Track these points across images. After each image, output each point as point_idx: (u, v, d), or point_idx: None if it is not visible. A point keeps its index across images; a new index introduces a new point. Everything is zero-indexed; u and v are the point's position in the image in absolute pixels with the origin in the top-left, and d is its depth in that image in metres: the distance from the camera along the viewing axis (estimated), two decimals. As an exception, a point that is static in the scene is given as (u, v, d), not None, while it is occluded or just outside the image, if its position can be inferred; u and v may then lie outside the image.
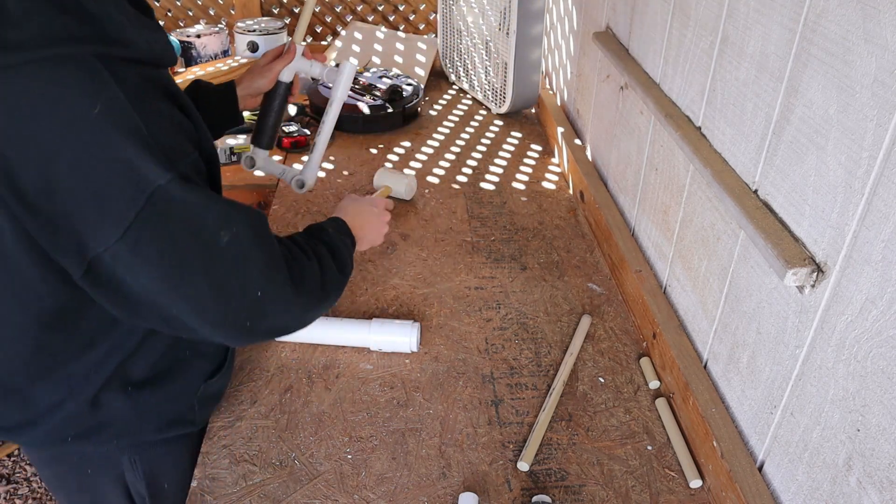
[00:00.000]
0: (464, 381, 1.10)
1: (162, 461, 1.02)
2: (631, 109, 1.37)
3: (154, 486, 1.02)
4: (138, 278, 0.72)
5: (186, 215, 0.73)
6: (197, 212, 0.73)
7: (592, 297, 1.30)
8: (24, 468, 2.05)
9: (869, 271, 0.68)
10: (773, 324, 0.86)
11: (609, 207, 1.44)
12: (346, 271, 0.97)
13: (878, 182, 0.67)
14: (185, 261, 0.73)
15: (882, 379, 0.67)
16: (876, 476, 0.68)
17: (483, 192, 1.64)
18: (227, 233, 0.76)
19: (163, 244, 0.72)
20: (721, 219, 1.00)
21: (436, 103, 2.12)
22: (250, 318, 0.80)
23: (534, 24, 1.84)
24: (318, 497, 0.91)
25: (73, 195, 0.67)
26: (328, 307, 0.93)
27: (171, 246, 0.72)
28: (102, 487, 1.02)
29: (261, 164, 1.27)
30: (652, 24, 1.26)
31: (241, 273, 0.78)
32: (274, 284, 0.81)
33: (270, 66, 1.21)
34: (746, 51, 0.92)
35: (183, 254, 0.73)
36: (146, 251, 0.71)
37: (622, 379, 1.12)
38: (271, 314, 0.82)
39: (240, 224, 0.78)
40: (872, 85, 0.67)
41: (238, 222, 0.78)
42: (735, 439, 0.93)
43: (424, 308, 1.25)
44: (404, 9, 2.49)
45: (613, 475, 0.96)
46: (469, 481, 0.94)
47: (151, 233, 0.70)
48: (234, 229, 0.77)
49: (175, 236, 0.72)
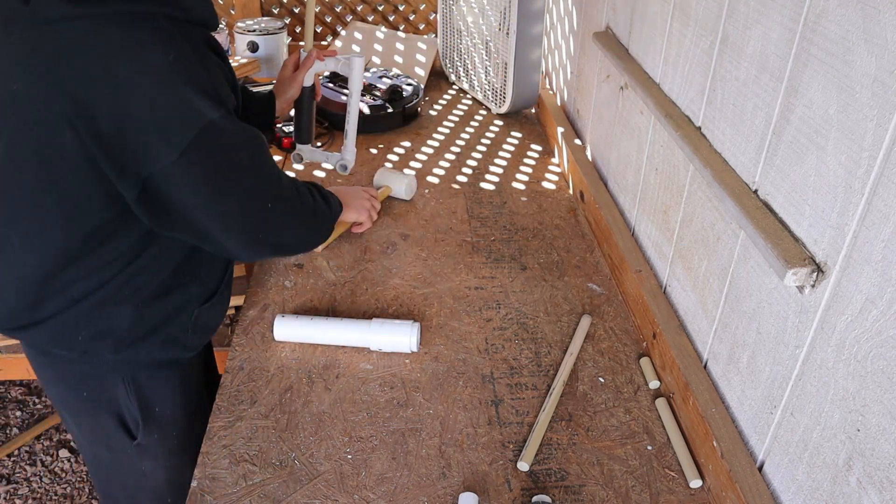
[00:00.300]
0: (464, 381, 1.10)
1: (154, 387, 1.11)
2: (631, 109, 1.37)
3: (146, 410, 1.12)
4: (183, 195, 0.88)
5: (227, 143, 0.90)
6: (235, 140, 0.91)
7: (592, 297, 1.30)
8: (24, 468, 2.05)
9: (869, 271, 0.68)
10: (773, 324, 0.86)
11: (609, 207, 1.44)
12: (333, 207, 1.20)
13: (878, 182, 0.67)
14: (221, 187, 0.91)
15: (882, 379, 0.67)
16: (876, 476, 0.68)
17: (483, 192, 1.64)
18: (247, 154, 0.94)
19: (208, 167, 0.88)
20: (721, 219, 1.00)
21: (436, 103, 2.12)
22: (261, 230, 1.00)
23: (534, 24, 1.84)
24: (318, 497, 0.91)
25: (141, 125, 0.82)
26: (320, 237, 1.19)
27: (214, 173, 0.89)
28: (98, 412, 1.11)
29: (307, 156, 1.52)
30: (652, 24, 1.26)
31: (259, 189, 0.98)
32: (280, 201, 1.02)
33: (295, 76, 1.38)
34: (746, 51, 0.92)
35: (221, 181, 0.91)
36: (195, 171, 0.87)
37: (622, 379, 1.12)
38: (276, 228, 1.03)
39: (256, 146, 0.96)
40: (872, 85, 0.67)
41: (255, 144, 0.96)
42: (735, 439, 0.93)
43: (424, 308, 1.25)
44: (404, 9, 2.49)
45: (613, 475, 0.96)
46: (469, 481, 0.94)
47: (200, 157, 0.86)
48: (252, 150, 0.95)
49: (218, 160, 0.89)
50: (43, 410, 2.23)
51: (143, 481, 1.20)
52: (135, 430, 1.13)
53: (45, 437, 2.15)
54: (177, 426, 1.17)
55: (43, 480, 2.02)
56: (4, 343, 1.89)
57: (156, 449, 1.16)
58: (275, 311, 1.22)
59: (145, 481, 1.20)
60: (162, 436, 1.15)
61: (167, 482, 1.21)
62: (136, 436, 1.13)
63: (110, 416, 1.11)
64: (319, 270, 1.34)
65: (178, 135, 0.83)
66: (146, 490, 1.22)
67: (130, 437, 1.14)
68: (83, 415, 1.13)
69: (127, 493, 1.23)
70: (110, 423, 1.12)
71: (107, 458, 1.18)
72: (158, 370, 1.10)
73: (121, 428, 1.12)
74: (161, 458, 1.17)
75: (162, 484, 1.21)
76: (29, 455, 2.09)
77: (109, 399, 1.09)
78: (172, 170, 0.85)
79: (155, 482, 1.20)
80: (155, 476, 1.19)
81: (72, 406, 1.13)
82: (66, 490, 1.99)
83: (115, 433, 1.13)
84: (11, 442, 2.09)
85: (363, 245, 1.42)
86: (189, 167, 0.86)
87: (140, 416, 1.11)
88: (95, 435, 1.15)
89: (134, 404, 1.10)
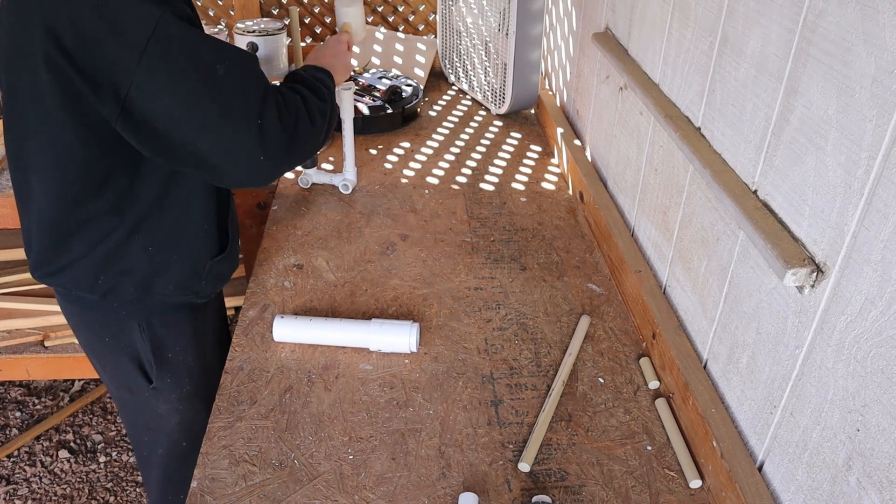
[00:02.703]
0: (463, 381, 1.10)
1: (167, 333, 1.18)
2: (630, 110, 1.37)
3: (159, 355, 1.18)
4: (157, 108, 0.89)
5: (184, 47, 0.89)
6: (192, 44, 0.90)
7: (592, 298, 1.30)
8: (24, 468, 2.05)
9: (868, 271, 0.68)
10: (773, 324, 0.86)
11: (609, 208, 1.44)
12: (323, 96, 1.11)
13: (878, 182, 0.67)
14: (191, 89, 0.90)
15: (882, 379, 0.67)
16: (876, 476, 0.68)
17: (482, 193, 1.64)
18: (221, 66, 0.92)
19: (171, 74, 0.88)
20: (720, 219, 1.00)
21: (435, 104, 2.12)
22: (260, 145, 0.96)
23: (533, 24, 1.85)
24: (318, 497, 0.91)
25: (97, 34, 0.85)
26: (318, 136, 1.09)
27: (179, 74, 0.89)
28: (118, 356, 1.19)
29: (314, 178, 1.63)
30: (651, 24, 1.26)
31: (242, 100, 0.94)
32: (269, 110, 0.97)
33: None
34: (746, 51, 0.92)
35: (188, 82, 0.89)
36: (159, 78, 0.87)
37: (622, 379, 1.12)
38: (273, 140, 0.97)
39: (231, 60, 0.94)
40: (871, 85, 0.68)
41: (229, 59, 0.94)
42: (735, 439, 0.93)
43: (424, 308, 1.25)
44: (404, 10, 2.49)
45: (613, 475, 0.96)
46: (469, 481, 0.94)
47: (160, 61, 0.87)
48: (227, 64, 0.93)
49: (179, 66, 0.89)
50: (43, 411, 2.23)
51: (160, 423, 1.28)
52: (150, 373, 1.20)
53: (45, 437, 2.15)
54: (189, 372, 1.24)
55: (42, 481, 2.01)
56: (5, 343, 1.89)
57: (169, 393, 1.24)
58: (274, 312, 1.22)
59: (162, 423, 1.28)
60: (175, 380, 1.23)
61: (179, 425, 1.28)
62: (153, 379, 1.21)
63: (129, 359, 1.18)
64: (319, 271, 1.34)
65: (133, 37, 0.86)
66: (164, 433, 1.29)
67: (147, 380, 1.21)
68: (107, 359, 1.21)
69: (150, 435, 1.31)
70: (130, 367, 1.19)
71: (130, 401, 1.27)
72: (172, 315, 1.17)
73: (139, 371, 1.20)
74: (174, 401, 1.25)
75: (175, 427, 1.29)
76: (28, 456, 2.09)
77: (128, 343, 1.16)
78: (139, 80, 0.86)
79: (170, 425, 1.28)
80: (169, 419, 1.27)
81: (97, 351, 1.21)
82: (65, 490, 1.99)
83: (134, 377, 1.20)
84: (11, 442, 2.09)
85: (363, 245, 1.42)
86: (151, 73, 0.87)
87: (154, 360, 1.18)
88: (118, 378, 1.23)
89: (148, 348, 1.17)
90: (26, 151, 0.99)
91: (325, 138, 1.11)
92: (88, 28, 0.85)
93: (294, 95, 1.04)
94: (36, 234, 1.07)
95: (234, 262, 1.25)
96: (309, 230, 1.46)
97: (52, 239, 1.05)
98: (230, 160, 0.96)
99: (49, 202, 1.01)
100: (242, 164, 0.97)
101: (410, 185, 1.66)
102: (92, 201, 1.01)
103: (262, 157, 0.96)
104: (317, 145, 1.10)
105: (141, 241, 1.07)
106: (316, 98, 1.09)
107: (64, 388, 2.32)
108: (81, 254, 1.06)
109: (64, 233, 1.04)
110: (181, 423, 1.28)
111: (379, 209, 1.55)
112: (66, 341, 1.94)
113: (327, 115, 1.10)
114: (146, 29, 0.86)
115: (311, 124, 1.05)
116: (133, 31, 0.86)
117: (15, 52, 0.91)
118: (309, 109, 1.05)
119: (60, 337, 1.94)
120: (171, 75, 0.88)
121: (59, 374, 1.99)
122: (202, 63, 0.90)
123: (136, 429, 1.33)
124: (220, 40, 0.95)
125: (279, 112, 0.98)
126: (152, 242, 1.08)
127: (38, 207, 1.03)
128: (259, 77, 0.98)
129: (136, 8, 0.86)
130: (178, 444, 1.31)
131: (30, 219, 1.07)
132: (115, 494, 1.99)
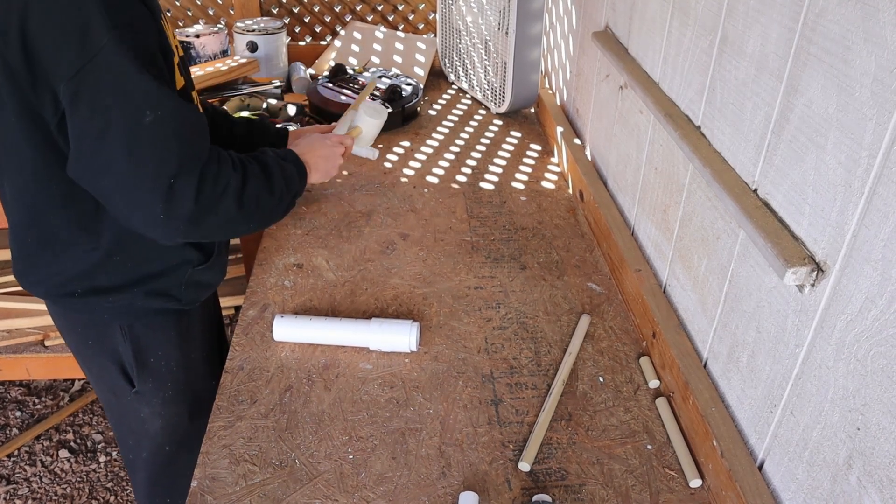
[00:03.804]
0: (464, 380, 1.10)
1: (149, 337, 1.16)
2: (630, 109, 1.37)
3: (140, 358, 1.17)
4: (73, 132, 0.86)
5: (117, 85, 0.84)
6: (126, 83, 0.84)
7: (592, 297, 1.30)
8: (24, 468, 2.05)
9: (869, 270, 0.68)
10: (773, 323, 0.86)
11: (608, 207, 1.44)
12: (276, 192, 1.05)
13: (878, 181, 0.67)
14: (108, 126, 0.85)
15: (882, 378, 0.67)
16: (876, 475, 0.68)
17: (482, 192, 1.64)
18: (152, 114, 0.86)
19: (94, 106, 0.84)
20: (721, 218, 1.00)
21: (435, 103, 2.12)
22: (163, 204, 0.89)
23: (533, 23, 1.84)
24: (318, 497, 0.91)
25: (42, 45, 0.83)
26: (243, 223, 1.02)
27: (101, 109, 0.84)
28: (102, 359, 1.18)
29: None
30: (651, 23, 1.26)
31: (158, 154, 0.88)
32: (189, 174, 0.90)
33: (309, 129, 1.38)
34: (746, 50, 0.92)
35: (107, 118, 0.85)
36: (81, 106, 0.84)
37: (622, 378, 1.12)
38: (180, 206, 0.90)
39: (167, 112, 0.87)
40: (872, 84, 0.67)
41: (165, 109, 0.87)
42: (735, 438, 0.93)
43: (424, 308, 1.25)
44: (403, 8, 2.49)
45: (613, 474, 0.96)
46: (469, 481, 0.94)
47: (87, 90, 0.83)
48: (160, 113, 0.86)
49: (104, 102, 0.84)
50: (43, 411, 2.23)
51: (143, 427, 1.27)
52: (132, 376, 1.19)
53: (45, 437, 2.15)
54: (172, 377, 1.23)
55: (43, 481, 2.02)
56: (5, 343, 1.89)
57: (151, 397, 1.23)
58: (274, 311, 1.22)
59: (145, 427, 1.27)
60: (156, 385, 1.22)
61: (162, 429, 1.27)
62: (135, 383, 1.20)
63: (112, 362, 1.18)
64: (319, 270, 1.34)
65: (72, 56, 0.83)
66: (147, 436, 1.29)
67: (130, 383, 1.20)
68: (91, 362, 1.21)
69: (134, 438, 1.31)
70: (112, 370, 1.19)
71: (114, 404, 1.26)
72: (153, 320, 1.16)
73: (121, 375, 1.19)
74: (156, 405, 1.24)
75: (158, 431, 1.27)
76: (29, 455, 2.09)
77: (111, 347, 1.16)
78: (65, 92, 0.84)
79: (153, 428, 1.27)
80: (152, 422, 1.26)
81: (82, 353, 1.21)
82: (65, 490, 1.99)
83: (117, 379, 1.20)
84: (11, 442, 2.09)
85: (363, 244, 1.42)
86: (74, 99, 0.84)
87: (135, 364, 1.17)
88: (103, 381, 1.23)
89: (129, 352, 1.16)
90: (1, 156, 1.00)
91: (255, 228, 1.06)
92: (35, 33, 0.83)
93: (236, 174, 0.98)
94: (12, 242, 1.09)
95: (220, 272, 1.23)
96: (309, 229, 1.46)
97: (24, 250, 1.07)
98: (129, 208, 0.92)
99: (19, 209, 1.03)
100: (140, 217, 0.92)
101: (410, 185, 1.66)
102: (55, 215, 1.00)
103: (163, 217, 0.91)
104: (239, 231, 1.05)
105: (119, 262, 1.06)
106: (263, 187, 1.02)
107: (64, 388, 2.32)
108: (52, 269, 1.06)
109: (32, 244, 1.05)
110: (164, 428, 1.27)
111: (379, 208, 1.55)
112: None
113: (266, 209, 1.04)
114: (85, 55, 0.82)
115: (238, 208, 0.98)
116: (73, 51, 0.83)
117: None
118: (243, 194, 0.98)
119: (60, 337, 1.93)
120: (94, 107, 0.85)
121: (59, 373, 1.99)
122: (130, 105, 0.85)
123: (122, 431, 1.33)
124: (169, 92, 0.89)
125: (200, 181, 0.92)
126: (131, 258, 1.07)
127: (10, 215, 1.05)
128: (194, 140, 0.92)
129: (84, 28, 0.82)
130: (161, 449, 1.30)
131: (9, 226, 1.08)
132: (116, 494, 1.99)
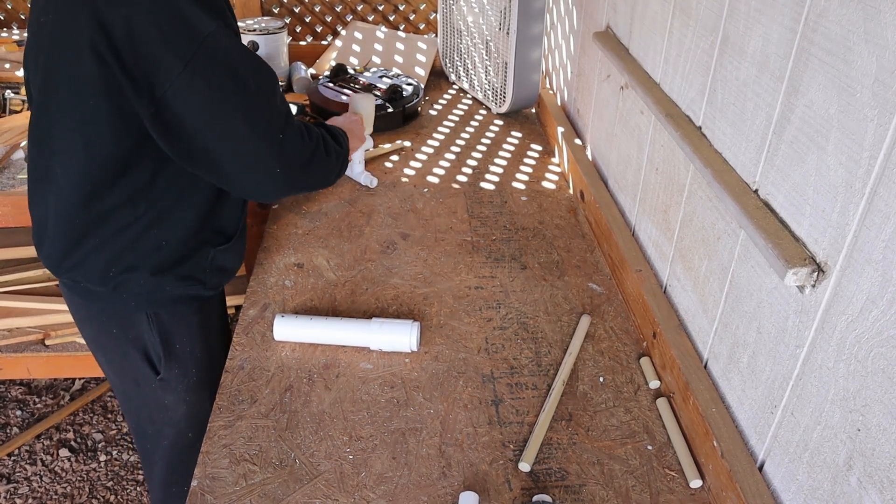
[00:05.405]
0: (464, 380, 1.10)
1: (175, 324, 1.20)
2: (631, 109, 1.37)
3: (167, 346, 1.21)
4: (189, 112, 0.94)
5: (226, 60, 0.95)
6: (233, 58, 0.96)
7: (592, 297, 1.30)
8: (25, 467, 2.05)
9: (870, 271, 0.68)
10: (774, 323, 0.86)
11: (609, 207, 1.44)
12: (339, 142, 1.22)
13: (879, 182, 0.67)
14: (225, 99, 0.96)
15: (882, 379, 0.67)
16: (876, 476, 0.68)
17: (483, 192, 1.64)
18: (255, 81, 0.99)
19: (210, 84, 0.94)
20: (721, 218, 1.00)
21: (436, 103, 2.12)
22: (277, 160, 1.03)
23: (534, 23, 1.84)
24: (318, 497, 0.91)
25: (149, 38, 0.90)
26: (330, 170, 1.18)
27: (216, 85, 0.95)
28: (126, 347, 1.21)
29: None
30: (652, 23, 1.26)
31: (269, 114, 1.01)
32: (293, 128, 1.05)
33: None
34: (747, 50, 0.92)
35: (224, 93, 0.95)
36: (197, 86, 0.93)
37: (622, 378, 1.12)
38: (291, 155, 1.05)
39: (263, 76, 1.01)
40: (873, 85, 0.67)
41: (262, 74, 1.01)
42: (735, 439, 0.93)
43: (424, 308, 1.25)
44: (404, 8, 2.49)
45: (613, 475, 0.96)
46: (469, 481, 0.94)
47: (202, 71, 0.92)
48: (260, 79, 1.00)
49: (218, 77, 0.95)
50: (43, 410, 2.23)
51: (166, 415, 1.30)
52: (158, 364, 1.22)
53: (46, 436, 2.15)
54: (196, 363, 1.26)
55: (43, 480, 2.02)
56: (5, 342, 1.89)
57: (177, 383, 1.26)
58: (275, 311, 1.22)
59: (168, 415, 1.30)
60: (182, 371, 1.25)
61: (187, 416, 1.30)
62: (160, 370, 1.23)
63: (136, 351, 1.20)
64: (319, 270, 1.34)
65: (184, 45, 0.91)
66: (170, 424, 1.31)
67: (154, 371, 1.23)
68: (114, 352, 1.23)
69: (155, 427, 1.32)
70: (137, 358, 1.21)
71: (135, 393, 1.28)
72: (179, 307, 1.20)
73: (146, 363, 1.22)
74: (181, 392, 1.27)
75: (182, 418, 1.30)
76: (29, 454, 2.09)
77: (136, 335, 1.19)
78: (178, 84, 0.91)
79: (176, 416, 1.30)
80: (176, 410, 1.29)
81: (103, 344, 1.23)
82: (66, 489, 1.99)
83: (141, 368, 1.22)
84: (11, 441, 2.10)
85: (363, 244, 1.42)
86: (192, 79, 0.92)
87: (162, 351, 1.21)
88: (124, 370, 1.25)
89: (156, 339, 1.19)
90: (55, 136, 1.01)
91: (334, 178, 1.21)
92: (141, 30, 0.90)
93: (316, 129, 1.14)
94: (52, 226, 1.09)
95: (239, 257, 1.26)
96: (309, 229, 1.46)
97: (68, 232, 1.08)
98: (246, 168, 1.02)
99: (70, 189, 1.04)
100: (257, 174, 1.03)
101: (411, 185, 1.66)
102: (109, 193, 1.04)
103: (278, 170, 1.03)
104: (326, 179, 1.20)
105: (155, 236, 1.10)
106: (333, 140, 1.19)
107: (64, 387, 2.32)
108: (94, 247, 1.08)
109: (80, 225, 1.07)
110: (188, 414, 1.30)
111: (379, 208, 1.55)
112: (66, 340, 1.94)
113: (340, 158, 1.21)
114: (196, 41, 0.91)
115: (326, 156, 1.15)
116: (184, 40, 0.91)
117: (59, 39, 0.94)
118: (326, 144, 1.16)
119: (61, 335, 1.93)
120: (210, 85, 0.94)
121: (60, 372, 1.99)
122: (239, 76, 0.96)
123: (140, 422, 1.34)
124: (255, 55, 1.01)
125: (301, 132, 1.07)
126: (166, 238, 1.11)
127: (58, 197, 1.05)
128: (283, 98, 1.06)
129: (192, 19, 0.91)
130: (183, 435, 1.33)
131: (46, 210, 1.08)
132: (116, 493, 1.99)
